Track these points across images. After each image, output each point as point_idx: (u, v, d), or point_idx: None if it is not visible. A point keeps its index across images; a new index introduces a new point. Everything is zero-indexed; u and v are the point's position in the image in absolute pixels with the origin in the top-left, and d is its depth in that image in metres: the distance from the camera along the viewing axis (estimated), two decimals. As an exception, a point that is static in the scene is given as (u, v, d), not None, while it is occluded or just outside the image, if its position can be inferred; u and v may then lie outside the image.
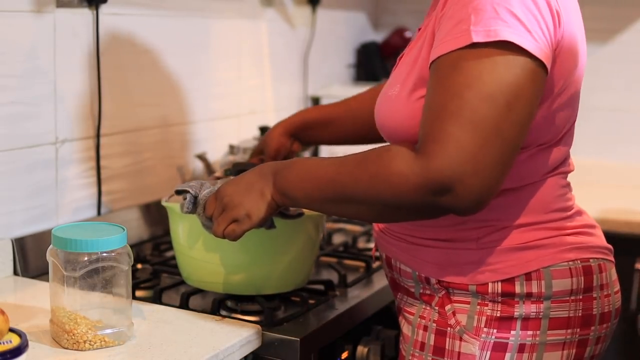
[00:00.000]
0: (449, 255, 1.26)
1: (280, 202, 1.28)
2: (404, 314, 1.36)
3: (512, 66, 1.08)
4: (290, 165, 1.28)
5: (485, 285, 1.24)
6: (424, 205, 1.11)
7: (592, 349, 1.28)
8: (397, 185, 1.11)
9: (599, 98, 2.80)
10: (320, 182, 1.22)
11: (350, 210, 1.21)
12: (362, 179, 1.15)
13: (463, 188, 1.07)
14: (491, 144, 1.07)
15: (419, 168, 1.09)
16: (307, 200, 1.25)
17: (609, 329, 1.30)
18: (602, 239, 1.33)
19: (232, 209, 1.30)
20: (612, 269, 1.31)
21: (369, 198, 1.16)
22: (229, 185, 1.33)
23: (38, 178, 1.72)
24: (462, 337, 1.25)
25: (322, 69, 2.80)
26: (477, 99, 1.07)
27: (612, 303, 1.30)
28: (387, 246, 1.37)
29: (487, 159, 1.07)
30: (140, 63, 1.98)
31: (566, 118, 1.24)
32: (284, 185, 1.26)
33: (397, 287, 1.39)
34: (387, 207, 1.16)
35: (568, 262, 1.24)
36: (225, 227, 1.31)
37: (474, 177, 1.07)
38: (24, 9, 1.66)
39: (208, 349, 1.30)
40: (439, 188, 1.08)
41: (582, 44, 1.26)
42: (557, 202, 1.27)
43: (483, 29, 1.09)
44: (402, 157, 1.11)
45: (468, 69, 1.09)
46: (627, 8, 2.75)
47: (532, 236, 1.24)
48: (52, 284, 1.31)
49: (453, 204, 1.09)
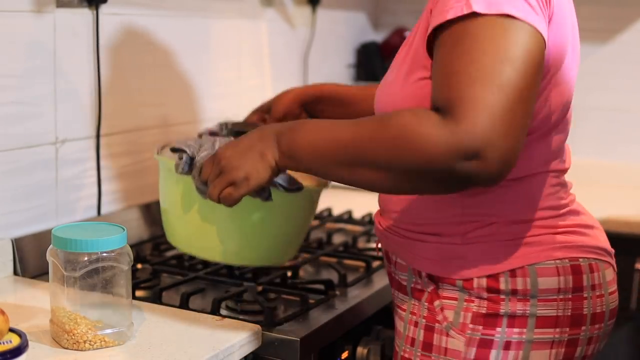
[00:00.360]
0: (438, 249, 1.26)
1: (282, 164, 1.23)
2: (397, 310, 1.37)
3: (520, 32, 1.08)
4: (299, 126, 1.22)
5: (471, 281, 1.24)
6: (448, 172, 1.07)
7: (583, 349, 1.27)
8: (425, 148, 1.07)
9: (599, 98, 2.80)
10: (334, 144, 1.16)
11: (366, 175, 1.15)
12: (383, 141, 1.11)
13: (492, 151, 1.05)
14: (516, 106, 1.06)
15: (448, 131, 1.05)
16: (317, 163, 1.19)
17: (602, 330, 1.29)
18: (598, 239, 1.31)
19: (229, 172, 1.25)
20: (606, 269, 1.30)
21: (389, 162, 1.11)
22: (227, 148, 1.27)
23: (38, 178, 1.72)
24: (448, 333, 1.25)
25: (322, 69, 2.80)
26: (498, 63, 1.06)
27: (605, 304, 1.29)
28: (385, 240, 1.38)
29: (514, 121, 1.06)
30: (140, 63, 1.98)
31: (555, 106, 1.23)
32: (290, 146, 1.20)
33: (392, 280, 1.40)
34: (406, 172, 1.11)
35: (555, 260, 1.23)
36: (221, 191, 1.27)
37: (503, 139, 1.05)
38: (24, 9, 1.66)
39: (208, 349, 1.30)
40: (470, 151, 1.05)
41: (574, 27, 1.26)
42: (548, 200, 1.26)
43: (483, 0, 1.09)
44: (429, 120, 1.07)
45: (480, 35, 1.08)
46: (627, 8, 2.75)
47: (520, 233, 1.24)
48: (52, 284, 1.31)
49: (480, 170, 1.06)
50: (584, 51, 2.74)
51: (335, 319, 1.51)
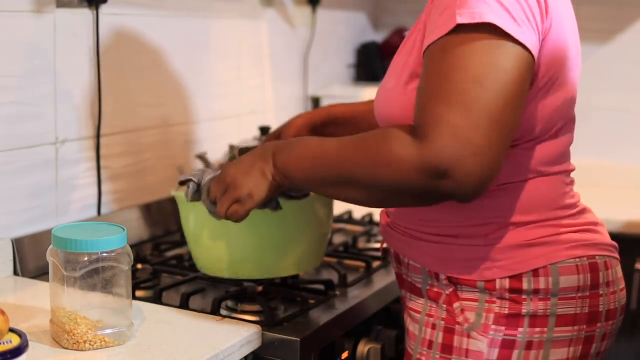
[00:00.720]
0: (456, 251, 1.26)
1: (280, 182, 1.28)
2: (410, 312, 1.36)
3: (497, 48, 1.10)
4: (291, 145, 1.28)
5: (493, 282, 1.24)
6: (423, 189, 1.11)
7: (597, 346, 1.28)
8: (396, 167, 1.11)
9: (599, 98, 2.80)
10: (320, 163, 1.22)
11: (350, 193, 1.21)
12: (362, 161, 1.16)
13: (460, 171, 1.07)
14: (484, 125, 1.07)
15: (416, 151, 1.09)
16: (306, 181, 1.25)
17: (614, 326, 1.31)
18: (607, 236, 1.34)
19: (233, 189, 1.30)
20: (617, 266, 1.32)
21: (367, 180, 1.16)
22: (231, 167, 1.33)
23: (38, 178, 1.72)
24: (470, 334, 1.25)
25: (322, 69, 2.80)
26: (466, 81, 1.08)
27: (617, 300, 1.31)
28: (395, 242, 1.37)
29: (482, 141, 1.07)
30: (140, 63, 1.98)
31: (561, 111, 1.24)
32: (283, 165, 1.26)
33: (402, 282, 1.39)
34: (386, 190, 1.16)
35: (575, 259, 1.25)
36: (228, 208, 1.31)
37: (471, 159, 1.07)
38: (24, 9, 1.66)
39: (208, 349, 1.30)
40: (436, 171, 1.08)
41: (574, 36, 1.26)
42: (563, 199, 1.28)
43: (467, 11, 1.10)
44: (400, 140, 1.12)
45: (455, 53, 1.10)
46: (627, 8, 2.75)
47: (539, 233, 1.25)
48: (52, 284, 1.31)
49: (452, 188, 1.09)
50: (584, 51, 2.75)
51: (335, 319, 1.51)
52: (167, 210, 2.01)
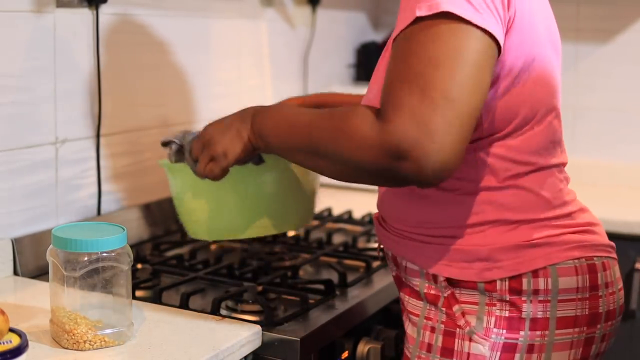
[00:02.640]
0: (456, 252, 1.26)
1: (255, 144, 1.31)
2: (409, 315, 1.36)
3: (455, 32, 1.11)
4: (269, 110, 1.31)
5: (494, 283, 1.24)
6: (382, 169, 1.12)
7: (597, 347, 1.28)
8: (355, 143, 1.13)
9: (599, 98, 2.80)
10: (293, 130, 1.25)
11: (317, 163, 1.23)
12: (327, 133, 1.18)
13: (418, 152, 1.07)
14: (441, 108, 1.08)
15: (376, 130, 1.11)
16: (279, 145, 1.28)
17: (613, 326, 1.31)
18: (605, 236, 1.34)
19: (209, 147, 1.34)
20: (615, 266, 1.32)
21: (331, 153, 1.18)
22: (211, 125, 1.38)
23: (38, 178, 1.72)
24: (471, 338, 1.25)
25: (322, 69, 2.80)
26: (421, 65, 1.10)
27: (616, 300, 1.31)
28: (392, 244, 1.37)
29: (439, 123, 1.07)
30: (140, 63, 1.98)
31: (538, 99, 1.24)
32: (260, 128, 1.30)
33: (401, 285, 1.39)
34: (346, 164, 1.17)
35: (573, 260, 1.25)
36: (206, 166, 1.35)
37: (429, 142, 1.07)
38: (24, 9, 1.66)
39: (208, 349, 1.30)
40: (394, 152, 1.09)
41: (548, 25, 1.26)
42: (560, 197, 1.28)
43: (425, 4, 1.12)
44: (364, 117, 1.13)
45: (414, 39, 1.12)
46: (627, 8, 2.75)
47: (538, 233, 1.25)
48: (52, 284, 1.31)
49: (412, 170, 1.09)
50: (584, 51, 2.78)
51: (335, 319, 1.51)
52: (167, 210, 2.01)
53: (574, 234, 1.27)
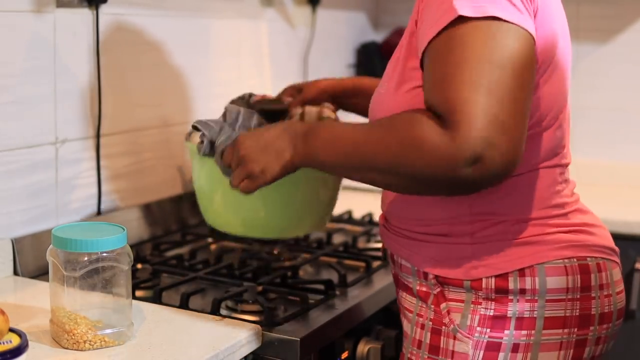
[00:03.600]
0: (445, 250, 1.26)
1: (300, 164, 1.28)
2: (404, 311, 1.37)
3: (507, 34, 1.10)
4: (317, 129, 1.27)
5: (479, 281, 1.24)
6: (454, 177, 1.09)
7: (591, 350, 1.27)
8: (428, 156, 1.10)
9: (599, 98, 2.80)
10: (347, 148, 1.21)
11: (378, 178, 1.20)
12: (391, 147, 1.14)
13: (492, 153, 1.07)
14: (509, 105, 1.08)
15: (448, 139, 1.08)
16: (333, 165, 1.25)
17: (610, 330, 1.29)
18: (605, 238, 1.32)
19: (247, 164, 1.32)
20: (613, 269, 1.30)
21: (397, 167, 1.15)
22: (248, 138, 1.34)
23: (38, 178, 1.72)
24: (455, 336, 1.25)
25: (322, 69, 2.80)
26: (487, 67, 1.09)
27: (613, 303, 1.29)
28: (389, 242, 1.37)
29: (509, 120, 1.08)
30: (140, 63, 1.98)
31: (553, 101, 1.24)
32: (307, 149, 1.26)
33: (397, 282, 1.40)
34: (414, 178, 1.14)
35: (563, 259, 1.24)
36: (240, 182, 1.34)
37: (502, 140, 1.07)
38: (24, 9, 1.66)
39: (208, 349, 1.30)
40: (471, 157, 1.07)
41: (562, 26, 1.26)
42: (555, 198, 1.27)
43: (469, 4, 1.11)
44: (429, 127, 1.10)
45: (468, 40, 1.10)
46: (627, 8, 2.75)
47: (528, 232, 1.24)
48: (52, 284, 1.31)
49: (485, 172, 1.08)
50: (584, 51, 2.78)
51: (335, 319, 1.51)
52: (167, 210, 2.01)
53: (567, 233, 1.26)
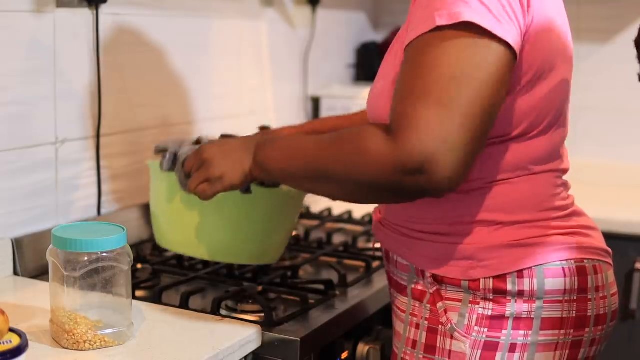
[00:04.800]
0: (444, 249, 1.26)
1: (256, 174, 1.32)
2: (396, 311, 1.36)
3: (476, 47, 1.10)
4: (273, 141, 1.31)
5: (477, 282, 1.24)
6: (395, 186, 1.12)
7: (586, 351, 1.27)
8: (369, 164, 1.13)
9: (599, 98, 2.80)
10: (298, 159, 1.25)
11: (327, 188, 1.24)
12: (336, 157, 1.18)
13: (434, 167, 1.08)
14: (459, 123, 1.08)
15: (389, 148, 1.10)
16: (284, 175, 1.29)
17: (604, 331, 1.30)
18: (600, 241, 1.32)
19: (207, 168, 1.35)
20: (608, 271, 1.30)
21: (344, 177, 1.18)
22: (212, 146, 1.37)
23: (38, 178, 1.72)
24: (453, 336, 1.25)
25: (322, 69, 2.80)
26: (443, 80, 1.09)
27: (608, 305, 1.29)
28: (385, 239, 1.37)
29: (456, 138, 1.08)
30: (140, 63, 1.98)
31: (550, 106, 1.24)
32: (263, 159, 1.30)
33: (390, 281, 1.40)
34: (359, 186, 1.17)
35: (561, 261, 1.24)
36: (198, 185, 1.36)
37: (444, 156, 1.07)
38: (24, 9, 1.66)
39: (208, 349, 1.30)
40: (411, 168, 1.09)
41: (563, 31, 1.26)
42: (552, 200, 1.27)
43: (446, 12, 1.11)
44: (374, 137, 1.13)
45: (433, 51, 1.11)
46: (627, 8, 2.75)
47: (527, 234, 1.24)
48: (52, 284, 1.31)
49: (424, 184, 1.09)
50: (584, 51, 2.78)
51: (335, 319, 1.51)
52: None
53: (565, 235, 1.26)
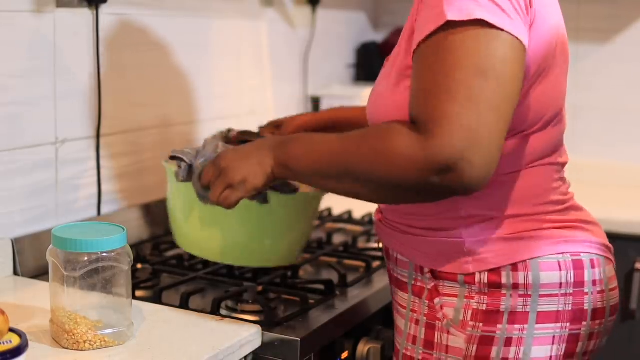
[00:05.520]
0: (440, 245, 1.27)
1: (279, 174, 1.28)
2: (398, 307, 1.37)
3: (494, 40, 1.10)
4: (294, 139, 1.28)
5: (473, 276, 1.24)
6: (425, 185, 1.11)
7: (584, 345, 1.28)
8: (399, 163, 1.11)
9: (599, 97, 2.80)
10: (323, 157, 1.22)
11: (352, 187, 1.21)
12: (364, 156, 1.16)
13: (466, 165, 1.07)
14: (488, 119, 1.08)
15: (420, 147, 1.09)
16: (308, 173, 1.25)
17: (603, 326, 1.30)
18: (599, 235, 1.32)
19: (228, 174, 1.31)
20: (607, 265, 1.31)
21: (370, 175, 1.16)
22: (229, 152, 1.34)
23: (38, 178, 1.72)
24: (449, 331, 1.26)
25: (322, 69, 2.80)
26: (469, 76, 1.09)
27: (606, 299, 1.29)
28: (385, 237, 1.38)
29: (486, 134, 1.08)
30: (140, 63, 1.98)
31: (550, 103, 1.24)
32: (285, 157, 1.27)
33: (391, 278, 1.40)
34: (387, 185, 1.15)
35: (557, 254, 1.24)
36: (221, 193, 1.32)
37: (476, 153, 1.07)
38: (24, 9, 1.66)
39: (208, 349, 1.30)
40: (442, 166, 1.08)
41: (560, 28, 1.26)
42: (549, 194, 1.27)
43: (456, 7, 1.11)
44: (401, 134, 1.12)
45: (453, 48, 1.10)
46: (627, 8, 2.75)
47: (522, 227, 1.24)
48: (52, 284, 1.31)
49: (457, 182, 1.09)
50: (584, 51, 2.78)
51: (335, 319, 1.51)
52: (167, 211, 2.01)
53: (561, 229, 1.26)
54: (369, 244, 2.00)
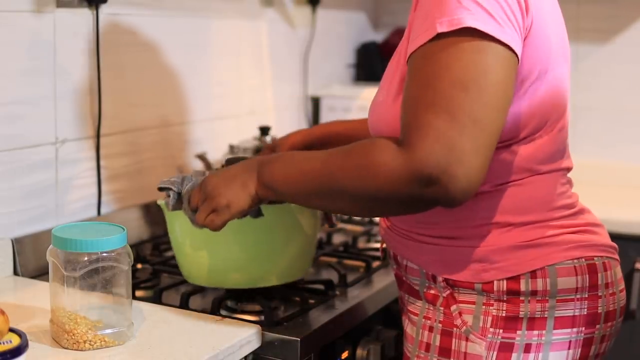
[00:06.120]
0: (454, 253, 1.26)
1: (263, 195, 1.28)
2: (408, 314, 1.36)
3: (479, 51, 1.10)
4: (277, 159, 1.28)
5: (491, 284, 1.24)
6: (410, 197, 1.11)
7: (597, 348, 1.28)
8: (383, 177, 1.11)
9: (599, 98, 2.80)
10: (306, 175, 1.22)
11: (336, 203, 1.21)
12: (348, 172, 1.16)
13: (448, 177, 1.07)
14: (469, 130, 1.07)
15: (402, 160, 1.09)
16: (292, 193, 1.25)
17: (613, 328, 1.31)
18: (607, 237, 1.33)
19: (212, 198, 1.31)
20: (616, 267, 1.32)
21: (354, 191, 1.16)
22: (214, 176, 1.34)
23: (38, 178, 1.72)
24: (468, 338, 1.25)
25: (322, 69, 2.80)
26: (449, 87, 1.08)
27: (617, 301, 1.30)
28: (394, 243, 1.37)
29: (467, 146, 1.07)
30: (140, 63, 1.98)
31: (552, 108, 1.24)
32: (268, 178, 1.27)
33: (401, 284, 1.39)
34: (372, 199, 1.15)
35: (573, 260, 1.24)
36: (206, 217, 1.32)
37: (457, 165, 1.07)
38: (24, 9, 1.66)
39: (208, 349, 1.30)
40: (423, 179, 1.08)
41: (560, 32, 1.26)
42: (560, 199, 1.28)
43: (447, 19, 1.10)
44: (386, 149, 1.12)
45: (437, 59, 1.10)
46: (627, 8, 2.75)
47: (537, 234, 1.24)
48: (52, 284, 1.31)
49: (440, 195, 1.09)
50: (584, 51, 2.78)
51: (335, 319, 1.51)
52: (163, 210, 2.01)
53: (574, 234, 1.27)
54: (369, 244, 2.00)
